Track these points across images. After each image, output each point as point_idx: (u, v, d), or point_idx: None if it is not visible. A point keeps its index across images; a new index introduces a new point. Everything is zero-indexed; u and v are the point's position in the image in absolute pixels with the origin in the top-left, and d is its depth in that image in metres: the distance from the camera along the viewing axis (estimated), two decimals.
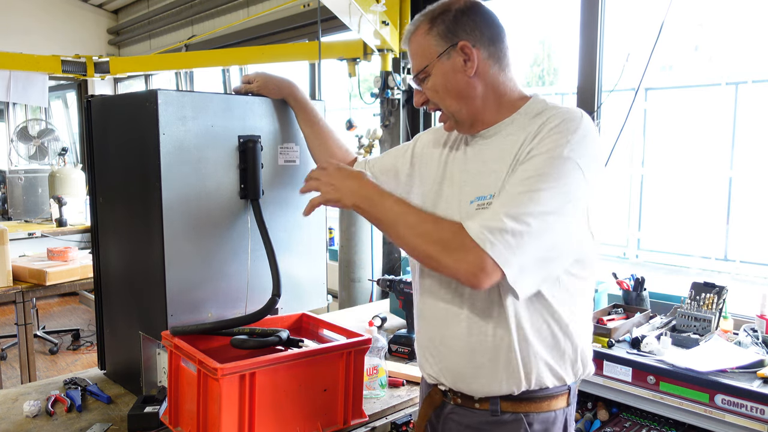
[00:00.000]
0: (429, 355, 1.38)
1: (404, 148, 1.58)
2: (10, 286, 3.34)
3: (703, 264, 4.97)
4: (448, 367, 1.34)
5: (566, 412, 1.34)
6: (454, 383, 1.34)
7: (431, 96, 1.33)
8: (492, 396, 1.30)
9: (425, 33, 1.30)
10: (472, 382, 1.31)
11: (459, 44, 1.27)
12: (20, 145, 5.92)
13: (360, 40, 3.83)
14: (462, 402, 1.34)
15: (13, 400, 1.73)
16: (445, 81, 1.29)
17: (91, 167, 1.87)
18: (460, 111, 1.31)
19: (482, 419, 1.32)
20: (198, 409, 1.40)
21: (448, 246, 1.16)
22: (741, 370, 2.00)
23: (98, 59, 5.80)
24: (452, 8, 1.29)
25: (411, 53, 1.34)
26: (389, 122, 3.92)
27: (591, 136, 1.22)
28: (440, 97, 1.31)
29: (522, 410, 1.29)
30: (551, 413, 1.31)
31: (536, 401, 1.30)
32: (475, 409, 1.32)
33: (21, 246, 4.73)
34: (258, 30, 5.29)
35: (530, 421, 1.29)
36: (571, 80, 3.31)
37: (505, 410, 1.30)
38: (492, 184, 1.26)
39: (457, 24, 1.28)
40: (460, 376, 1.32)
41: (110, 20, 7.50)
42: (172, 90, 1.55)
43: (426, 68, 1.30)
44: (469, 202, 1.29)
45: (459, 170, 1.36)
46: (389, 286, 2.33)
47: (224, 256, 1.66)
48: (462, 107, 1.30)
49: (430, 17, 1.30)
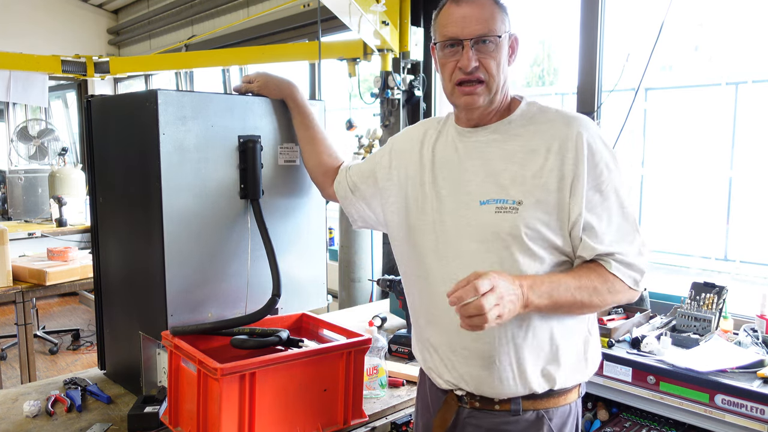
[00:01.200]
0: (447, 360, 1.36)
1: (381, 153, 1.57)
2: (10, 286, 3.34)
3: (703, 264, 4.96)
4: (470, 371, 1.33)
5: (578, 403, 1.39)
6: (477, 387, 1.33)
7: (490, 64, 1.29)
8: (514, 396, 1.31)
9: (494, 5, 1.30)
10: (498, 385, 1.31)
11: (514, 36, 1.33)
12: (20, 145, 5.92)
13: (360, 40, 3.83)
14: (480, 405, 1.34)
15: (13, 400, 1.73)
16: (503, 57, 1.31)
17: (91, 167, 1.87)
18: (499, 91, 1.33)
19: (503, 420, 1.32)
20: (198, 409, 1.40)
21: (613, 292, 1.28)
22: (741, 370, 2.00)
23: (98, 59, 5.80)
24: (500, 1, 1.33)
25: (476, 16, 1.28)
26: (389, 122, 3.91)
27: (603, 133, 1.30)
28: (496, 67, 1.30)
29: (542, 407, 1.32)
30: (567, 406, 1.35)
31: (555, 396, 1.33)
32: (495, 411, 1.33)
33: (21, 246, 4.72)
34: (258, 30, 5.29)
35: (550, 416, 1.32)
36: (571, 80, 3.31)
37: (526, 408, 1.31)
38: (508, 185, 1.28)
39: (509, 16, 1.33)
40: (484, 380, 1.32)
41: (110, 20, 7.50)
42: (172, 90, 1.55)
43: (495, 36, 1.28)
44: (479, 203, 1.29)
45: (456, 169, 1.35)
46: (389, 286, 2.33)
47: (224, 256, 1.66)
48: (501, 88, 1.33)
49: None
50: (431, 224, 1.36)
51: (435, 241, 1.36)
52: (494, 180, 1.29)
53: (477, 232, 1.29)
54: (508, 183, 1.28)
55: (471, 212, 1.30)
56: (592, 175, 1.25)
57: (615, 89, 2.87)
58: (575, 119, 1.29)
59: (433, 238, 1.36)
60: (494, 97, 1.32)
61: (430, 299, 1.38)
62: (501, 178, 1.29)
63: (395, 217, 1.46)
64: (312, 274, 1.89)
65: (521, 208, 1.25)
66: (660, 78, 5.12)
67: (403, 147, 1.50)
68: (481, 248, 1.28)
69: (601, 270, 1.27)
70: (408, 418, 1.76)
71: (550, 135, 1.28)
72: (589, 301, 1.26)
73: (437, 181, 1.37)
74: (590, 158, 1.25)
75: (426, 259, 1.38)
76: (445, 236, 1.34)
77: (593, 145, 1.26)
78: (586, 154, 1.25)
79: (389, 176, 1.50)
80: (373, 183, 1.56)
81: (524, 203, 1.25)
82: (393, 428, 1.72)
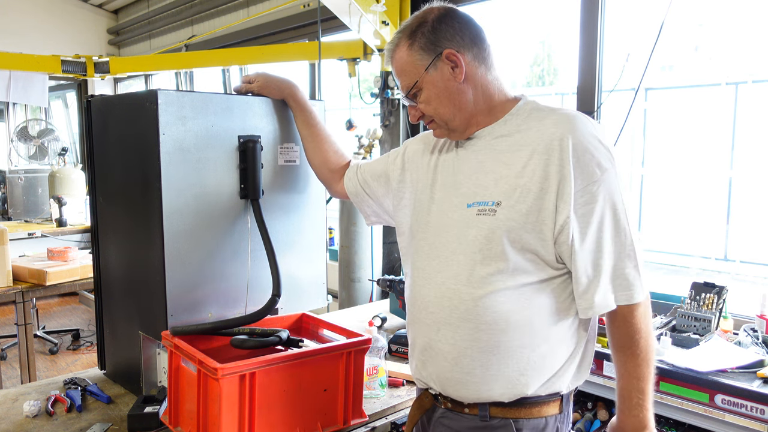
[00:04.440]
0: (419, 359, 1.38)
1: (394, 154, 1.57)
2: (10, 286, 3.34)
3: (703, 264, 4.97)
4: (438, 372, 1.33)
5: (558, 419, 1.32)
6: (443, 389, 1.33)
7: (425, 109, 1.33)
8: (481, 402, 1.29)
9: (407, 49, 1.30)
10: (461, 389, 1.30)
11: (444, 53, 1.27)
12: (20, 145, 5.91)
13: (360, 40, 3.83)
14: (452, 406, 1.34)
15: (13, 400, 1.73)
16: (437, 91, 1.29)
17: (91, 167, 1.87)
18: (454, 119, 1.31)
19: (472, 424, 1.31)
20: (198, 409, 1.40)
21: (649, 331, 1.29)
22: (741, 370, 2.00)
23: (98, 59, 5.80)
24: (428, 19, 1.29)
25: (396, 72, 1.34)
26: (389, 122, 3.92)
27: (599, 131, 1.24)
28: (434, 108, 1.31)
29: (511, 416, 1.28)
30: (541, 420, 1.29)
31: (526, 407, 1.28)
32: (465, 414, 1.32)
33: (21, 246, 4.72)
34: (258, 30, 5.29)
35: (519, 426, 1.28)
36: (571, 80, 3.31)
37: (494, 416, 1.29)
38: (491, 186, 1.26)
39: (436, 33, 1.28)
40: (449, 382, 1.31)
41: (110, 20, 7.50)
42: (172, 90, 1.55)
43: (416, 84, 1.30)
44: (466, 206, 1.28)
45: (451, 173, 1.36)
46: (389, 286, 2.33)
47: (224, 256, 1.66)
48: (456, 114, 1.31)
49: (409, 33, 1.30)
50: (424, 225, 1.38)
51: (423, 243, 1.37)
52: (482, 182, 1.28)
53: (457, 234, 1.29)
54: (492, 184, 1.26)
55: (457, 214, 1.30)
56: (580, 175, 1.19)
57: (615, 89, 2.87)
58: (567, 117, 1.24)
59: (423, 239, 1.37)
60: (452, 124, 1.32)
61: (412, 298, 1.40)
62: (487, 179, 1.28)
63: (406, 218, 1.46)
64: (312, 274, 1.89)
65: (499, 209, 1.23)
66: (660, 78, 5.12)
67: (415, 151, 1.50)
68: (458, 250, 1.28)
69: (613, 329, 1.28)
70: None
71: (538, 134, 1.24)
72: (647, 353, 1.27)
73: (435, 185, 1.38)
74: (579, 158, 1.19)
75: (414, 259, 1.39)
76: (431, 238, 1.35)
77: (581, 145, 1.20)
78: (573, 153, 1.19)
79: (402, 178, 1.50)
80: (385, 182, 1.56)
81: (502, 204, 1.23)
82: (393, 428, 1.72)
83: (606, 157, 1.21)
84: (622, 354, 1.28)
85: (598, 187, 1.20)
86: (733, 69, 4.72)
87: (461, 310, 1.27)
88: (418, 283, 1.37)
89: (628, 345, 1.27)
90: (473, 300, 1.25)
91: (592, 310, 1.24)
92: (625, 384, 1.28)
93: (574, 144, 1.20)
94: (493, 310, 1.24)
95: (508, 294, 1.24)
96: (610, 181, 1.21)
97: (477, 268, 1.25)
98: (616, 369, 1.30)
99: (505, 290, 1.24)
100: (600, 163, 1.20)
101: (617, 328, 1.28)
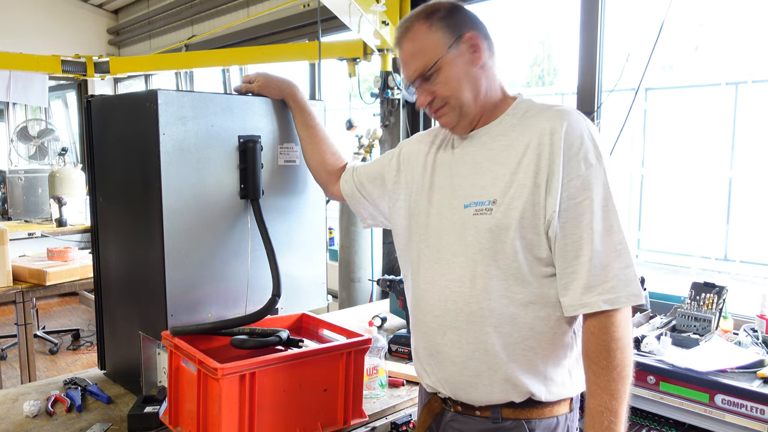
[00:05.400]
0: (426, 364, 1.37)
1: (390, 156, 1.57)
2: (10, 286, 3.34)
3: (703, 264, 4.96)
4: (446, 377, 1.32)
5: (569, 417, 1.32)
6: (454, 393, 1.32)
7: (442, 91, 1.29)
8: (493, 405, 1.29)
9: (426, 29, 1.28)
10: (472, 392, 1.29)
11: (466, 35, 1.27)
12: (20, 145, 5.91)
13: (360, 40, 3.83)
14: (462, 409, 1.33)
15: (13, 400, 1.73)
16: (458, 72, 1.27)
17: (91, 167, 1.87)
18: (470, 104, 1.29)
19: (483, 426, 1.30)
20: (198, 409, 1.40)
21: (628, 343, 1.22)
22: (741, 370, 2.00)
23: (98, 59, 5.80)
24: (441, 7, 1.29)
25: (411, 53, 1.30)
26: (389, 122, 3.92)
27: (591, 127, 1.23)
28: (452, 89, 1.28)
29: (524, 416, 1.28)
30: (553, 419, 1.29)
31: (538, 407, 1.28)
32: (476, 417, 1.31)
33: (21, 246, 4.73)
34: (258, 30, 5.29)
35: (532, 427, 1.28)
36: (571, 80, 3.31)
37: (506, 417, 1.28)
38: (488, 186, 1.26)
39: (455, 17, 1.28)
40: (459, 386, 1.30)
41: (110, 20, 7.50)
42: (172, 90, 1.55)
43: (437, 63, 1.27)
44: (463, 206, 1.28)
45: (448, 175, 1.35)
46: (389, 286, 2.33)
47: (224, 257, 1.66)
48: (472, 99, 1.29)
49: (425, 14, 1.29)
50: (423, 228, 1.37)
51: (423, 246, 1.36)
52: (479, 182, 1.28)
53: (456, 235, 1.28)
54: (489, 184, 1.26)
55: (456, 216, 1.29)
56: (567, 169, 1.18)
57: (615, 89, 2.87)
58: (559, 113, 1.23)
59: (423, 242, 1.36)
60: (466, 109, 1.29)
61: (415, 302, 1.39)
62: (484, 179, 1.27)
63: (402, 221, 1.45)
64: (312, 274, 1.89)
65: (495, 208, 1.22)
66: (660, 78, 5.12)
67: (411, 152, 1.49)
68: (458, 252, 1.28)
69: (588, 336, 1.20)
70: (408, 418, 1.76)
71: (532, 131, 1.23)
72: (623, 368, 1.19)
73: (433, 186, 1.37)
74: (566, 152, 1.19)
75: (414, 262, 1.39)
76: (431, 240, 1.34)
77: (570, 139, 1.19)
78: (563, 147, 1.18)
79: (397, 180, 1.50)
80: (380, 184, 1.56)
81: (498, 202, 1.23)
82: (393, 428, 1.72)
83: (594, 153, 1.20)
84: (596, 366, 1.18)
85: (583, 181, 1.18)
86: (733, 69, 4.71)
87: (466, 312, 1.26)
88: (421, 288, 1.36)
89: (604, 355, 1.17)
90: (477, 302, 1.25)
91: (572, 308, 1.20)
92: (597, 402, 1.18)
93: (563, 138, 1.19)
94: (498, 312, 1.24)
95: (512, 294, 1.24)
96: (598, 177, 1.19)
97: (478, 269, 1.25)
98: (587, 383, 1.21)
99: (507, 291, 1.23)
100: (587, 158, 1.19)
101: (593, 334, 1.19)
